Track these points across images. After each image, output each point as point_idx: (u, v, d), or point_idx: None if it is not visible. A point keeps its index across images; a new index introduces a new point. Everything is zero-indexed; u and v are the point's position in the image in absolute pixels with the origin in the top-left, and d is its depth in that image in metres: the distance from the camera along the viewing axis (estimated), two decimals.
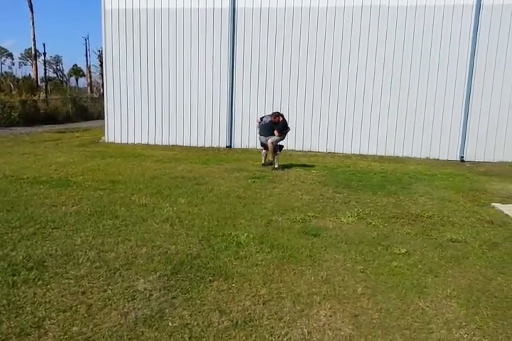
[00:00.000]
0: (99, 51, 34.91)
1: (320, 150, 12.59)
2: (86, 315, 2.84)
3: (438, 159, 11.78)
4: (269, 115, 9.20)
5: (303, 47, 12.45)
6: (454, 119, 11.89)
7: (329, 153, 12.44)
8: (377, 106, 12.27)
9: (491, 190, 7.54)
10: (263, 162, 9.46)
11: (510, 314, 3.09)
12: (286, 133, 9.20)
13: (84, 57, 47.14)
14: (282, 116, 9.11)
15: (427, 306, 3.17)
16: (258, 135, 9.54)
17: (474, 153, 11.79)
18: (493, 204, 6.36)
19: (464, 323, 2.96)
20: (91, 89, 36.84)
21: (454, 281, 3.62)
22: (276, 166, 9.01)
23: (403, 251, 4.21)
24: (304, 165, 9.70)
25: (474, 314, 3.08)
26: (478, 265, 3.99)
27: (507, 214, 5.78)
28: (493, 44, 11.49)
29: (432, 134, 12.00)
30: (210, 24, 12.84)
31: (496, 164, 11.10)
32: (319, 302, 3.16)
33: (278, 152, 9.15)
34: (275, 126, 8.96)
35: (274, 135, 8.94)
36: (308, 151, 12.42)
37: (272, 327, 2.79)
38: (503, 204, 6.39)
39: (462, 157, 11.84)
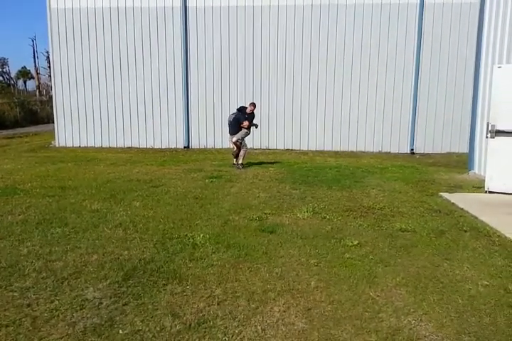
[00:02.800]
0: (47, 52, 33.49)
1: (278, 148, 12.73)
2: (31, 328, 2.71)
3: (390, 152, 12.22)
4: (233, 113, 9.07)
5: (256, 45, 12.51)
6: (403, 114, 12.37)
7: (287, 150, 12.60)
8: (331, 103, 12.54)
9: (438, 180, 7.89)
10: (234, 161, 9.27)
11: (454, 298, 3.24)
12: (252, 126, 8.98)
13: (32, 59, 45.00)
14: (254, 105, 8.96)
15: (378, 295, 3.27)
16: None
17: (423, 146, 12.33)
18: (441, 193, 6.66)
19: (412, 310, 3.07)
20: (39, 92, 35.27)
21: (403, 270, 3.75)
22: (239, 162, 8.96)
23: (355, 243, 4.32)
24: (262, 163, 9.75)
25: (421, 300, 3.21)
26: (426, 253, 4.16)
27: (453, 203, 6.06)
28: (437, 40, 12.04)
29: (383, 129, 12.44)
30: (162, 23, 12.64)
31: (444, 155, 11.64)
32: (274, 299, 3.18)
33: (246, 148, 9.04)
34: (249, 117, 8.78)
35: (240, 130, 8.79)
36: (267, 149, 12.52)
37: (226, 327, 2.78)
38: (449, 193, 6.69)
39: (412, 149, 12.34)
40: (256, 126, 9.14)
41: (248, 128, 8.90)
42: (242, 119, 8.78)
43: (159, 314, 2.91)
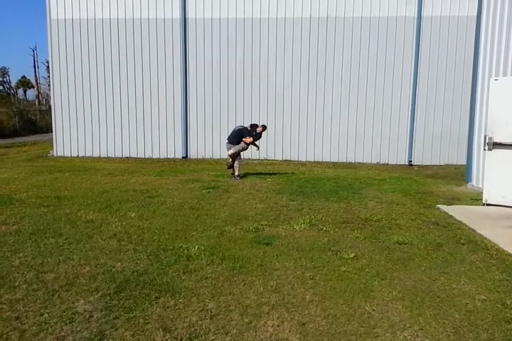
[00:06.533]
0: (47, 62, 33.71)
1: (276, 158, 12.72)
2: None
3: (388, 164, 12.22)
4: (242, 126, 9.08)
5: (255, 57, 12.60)
6: (402, 126, 12.41)
7: (285, 160, 12.59)
8: (329, 114, 12.58)
9: (436, 192, 7.87)
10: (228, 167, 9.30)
11: (451, 313, 3.19)
12: (253, 144, 9.07)
13: (33, 69, 45.32)
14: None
15: (373, 310, 3.22)
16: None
17: (422, 157, 12.33)
18: (439, 205, 6.62)
19: (408, 325, 3.01)
20: (39, 102, 35.42)
21: (400, 283, 3.69)
22: (236, 173, 8.94)
23: (352, 256, 4.27)
24: (260, 174, 9.73)
25: (418, 315, 3.15)
26: (423, 266, 4.11)
27: (451, 215, 6.02)
28: (435, 53, 12.14)
29: (381, 140, 12.46)
30: (161, 34, 12.75)
31: (442, 167, 11.63)
32: (268, 313, 3.13)
33: (240, 160, 9.04)
34: (255, 136, 8.86)
35: (239, 143, 8.81)
36: (265, 159, 12.50)
37: None
38: (447, 205, 6.66)
39: (410, 161, 12.34)
40: (258, 148, 9.22)
41: (248, 145, 8.93)
42: (246, 134, 8.81)
43: (150, 328, 2.85)
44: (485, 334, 2.89)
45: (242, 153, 9.16)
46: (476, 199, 7.12)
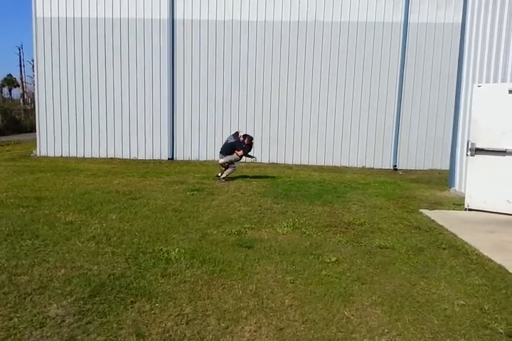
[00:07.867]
0: (33, 61, 33.23)
1: (263, 162, 12.67)
2: None
3: (373, 168, 12.29)
4: (233, 135, 9.10)
5: (243, 60, 12.58)
6: (387, 130, 12.50)
7: (272, 163, 12.57)
8: (316, 118, 12.62)
9: (420, 196, 7.91)
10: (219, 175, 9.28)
11: (430, 318, 3.18)
12: (247, 156, 9.16)
13: (19, 67, 44.65)
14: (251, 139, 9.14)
15: (352, 315, 3.19)
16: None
17: (406, 162, 12.43)
18: (421, 210, 6.66)
19: (386, 330, 2.99)
20: (24, 101, 34.88)
21: (380, 288, 3.68)
22: (222, 176, 8.90)
23: (333, 260, 4.25)
24: (246, 176, 9.69)
25: (396, 320, 3.13)
26: (404, 270, 4.10)
27: (433, 220, 6.05)
28: (420, 59, 12.27)
29: (366, 145, 12.54)
30: (149, 35, 12.66)
31: (427, 172, 11.73)
32: (245, 318, 3.08)
33: (234, 168, 9.04)
34: (246, 147, 8.93)
35: (231, 154, 8.88)
36: (252, 162, 12.43)
37: None
38: (430, 210, 6.70)
39: (395, 165, 12.43)
40: (254, 158, 9.30)
41: (240, 156, 9.01)
42: (238, 147, 8.87)
43: (123, 333, 2.78)
44: (462, 340, 2.88)
45: None
46: (458, 204, 7.17)
